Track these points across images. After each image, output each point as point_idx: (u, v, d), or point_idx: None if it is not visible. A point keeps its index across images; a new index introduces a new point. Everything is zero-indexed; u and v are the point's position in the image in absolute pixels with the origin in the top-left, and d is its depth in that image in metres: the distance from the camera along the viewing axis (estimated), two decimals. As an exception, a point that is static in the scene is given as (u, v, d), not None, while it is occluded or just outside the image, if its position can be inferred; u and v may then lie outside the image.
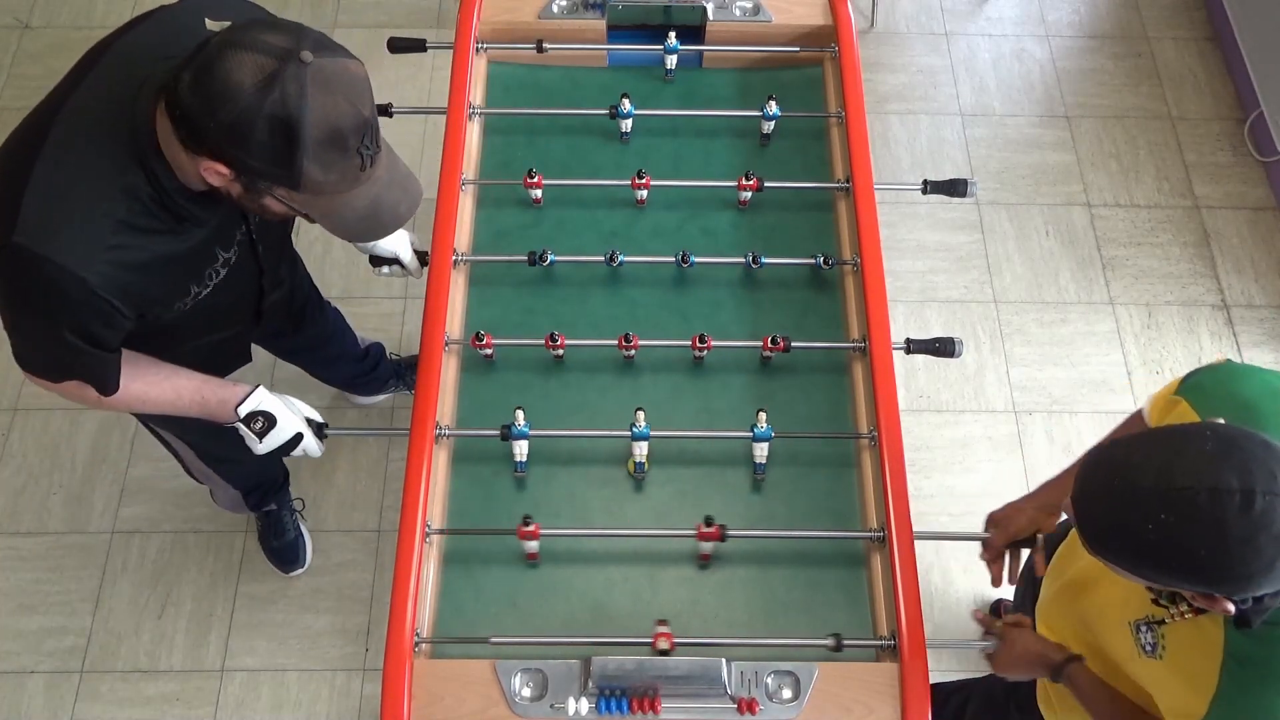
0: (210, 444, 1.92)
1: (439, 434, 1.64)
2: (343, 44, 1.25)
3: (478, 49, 2.01)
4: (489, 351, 1.74)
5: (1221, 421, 1.06)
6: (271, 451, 1.60)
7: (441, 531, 1.60)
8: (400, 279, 1.97)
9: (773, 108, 1.93)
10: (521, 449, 1.64)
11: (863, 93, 1.95)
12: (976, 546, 1.67)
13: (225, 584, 2.42)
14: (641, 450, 1.64)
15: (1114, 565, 1.08)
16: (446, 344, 1.71)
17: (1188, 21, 3.35)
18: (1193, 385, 1.27)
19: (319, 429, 1.65)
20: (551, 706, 1.44)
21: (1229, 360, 1.30)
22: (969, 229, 2.95)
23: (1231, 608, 1.05)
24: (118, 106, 1.28)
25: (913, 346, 1.75)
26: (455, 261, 1.79)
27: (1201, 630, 1.17)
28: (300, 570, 2.44)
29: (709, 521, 1.53)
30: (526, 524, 1.53)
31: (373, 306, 2.76)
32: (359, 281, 2.78)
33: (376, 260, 1.88)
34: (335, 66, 1.19)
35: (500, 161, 1.96)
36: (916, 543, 1.56)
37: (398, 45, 2.02)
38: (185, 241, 1.38)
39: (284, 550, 2.42)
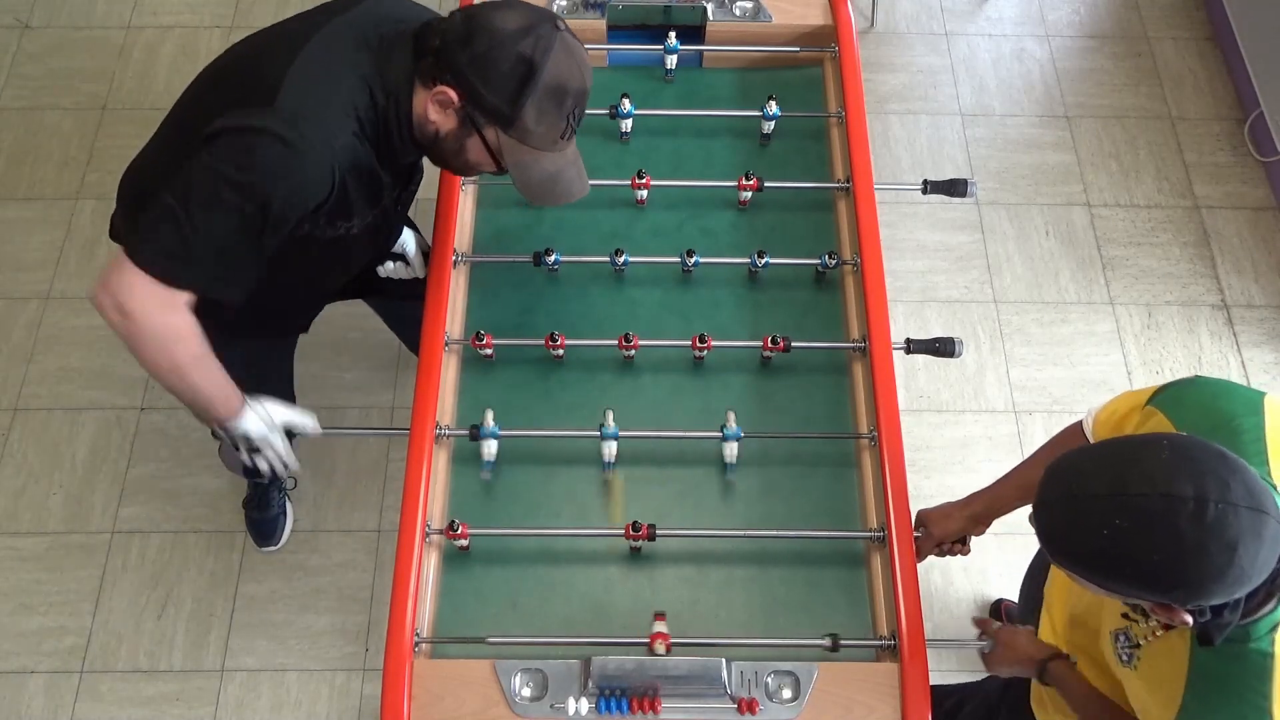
0: (259, 357, 1.89)
1: (439, 434, 1.64)
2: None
3: (478, 49, 2.01)
4: (489, 351, 1.74)
5: (1178, 433, 1.07)
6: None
7: (440, 531, 1.60)
8: (403, 277, 1.97)
9: (773, 108, 1.93)
10: (490, 449, 1.65)
11: (863, 93, 1.95)
12: (977, 547, 1.68)
13: (225, 584, 2.42)
14: (610, 450, 1.65)
15: (1074, 575, 1.09)
16: (446, 344, 1.71)
17: (1188, 21, 3.35)
18: (1170, 398, 1.26)
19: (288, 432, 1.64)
20: (551, 706, 1.44)
21: (1199, 376, 1.31)
22: (969, 229, 2.95)
23: (1189, 619, 1.06)
24: (383, 34, 1.45)
25: (913, 346, 1.75)
26: (455, 261, 1.79)
27: (1171, 646, 1.18)
28: (273, 548, 2.44)
29: (636, 526, 1.56)
30: (454, 528, 1.55)
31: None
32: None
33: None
34: (578, 41, 1.45)
35: (500, 161, 1.96)
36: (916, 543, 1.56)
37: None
38: (384, 172, 1.51)
39: (263, 524, 2.43)
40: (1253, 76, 3.07)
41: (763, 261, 1.78)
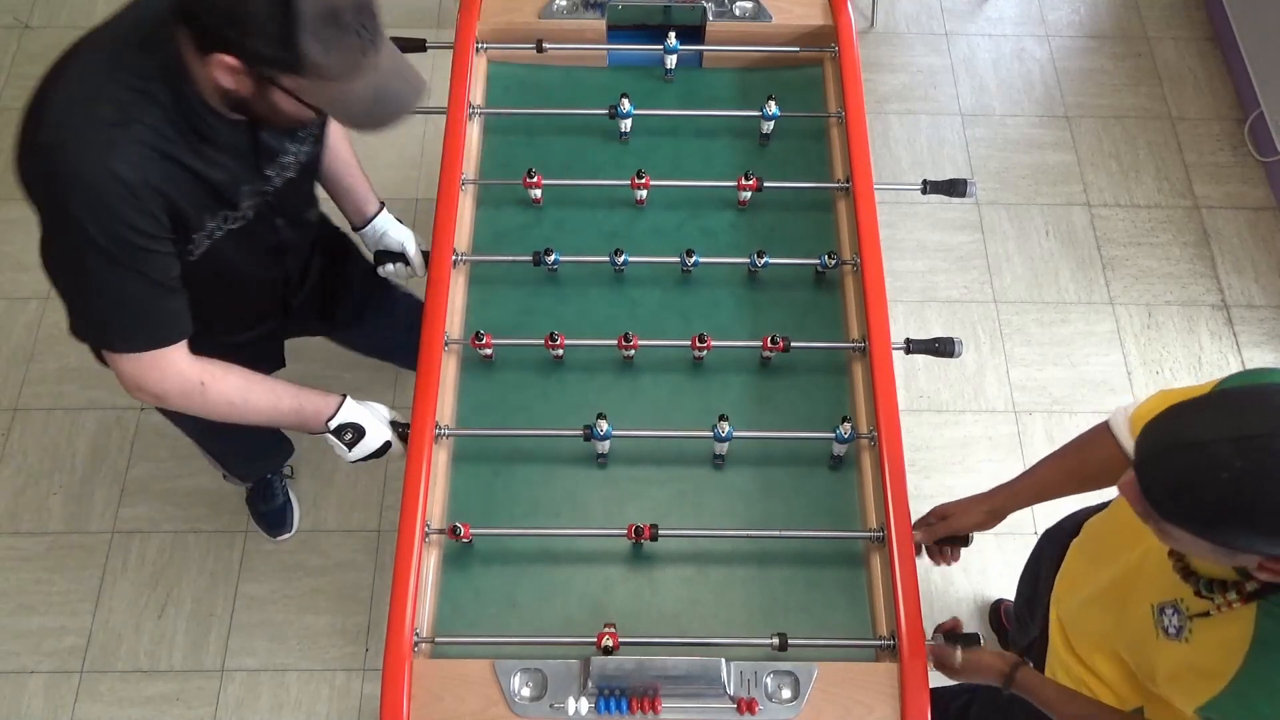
0: (211, 427, 1.90)
1: (439, 434, 1.64)
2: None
3: (478, 49, 2.01)
4: (489, 351, 1.74)
5: None
6: (361, 460, 1.64)
7: (441, 531, 1.60)
8: (404, 279, 1.98)
9: (772, 108, 1.93)
10: (603, 448, 1.66)
11: (863, 93, 1.95)
12: (977, 547, 1.68)
13: (225, 584, 2.42)
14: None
15: (1184, 529, 1.05)
16: (446, 344, 1.71)
17: (1188, 21, 3.35)
18: (1236, 379, 1.25)
19: (402, 432, 1.66)
20: (551, 706, 1.44)
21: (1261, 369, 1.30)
22: (969, 229, 2.95)
23: None
24: (141, 29, 1.33)
25: (913, 346, 1.75)
26: (455, 261, 1.79)
27: (1236, 616, 1.16)
28: (287, 535, 2.46)
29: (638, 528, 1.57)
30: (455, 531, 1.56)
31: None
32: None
33: (381, 258, 1.89)
34: None
35: (500, 161, 1.96)
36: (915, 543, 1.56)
37: (398, 45, 2.02)
38: (208, 166, 1.39)
39: (271, 515, 2.45)
40: (1253, 76, 3.07)
41: (762, 261, 1.78)
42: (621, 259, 1.79)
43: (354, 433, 1.61)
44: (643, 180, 1.85)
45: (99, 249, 1.31)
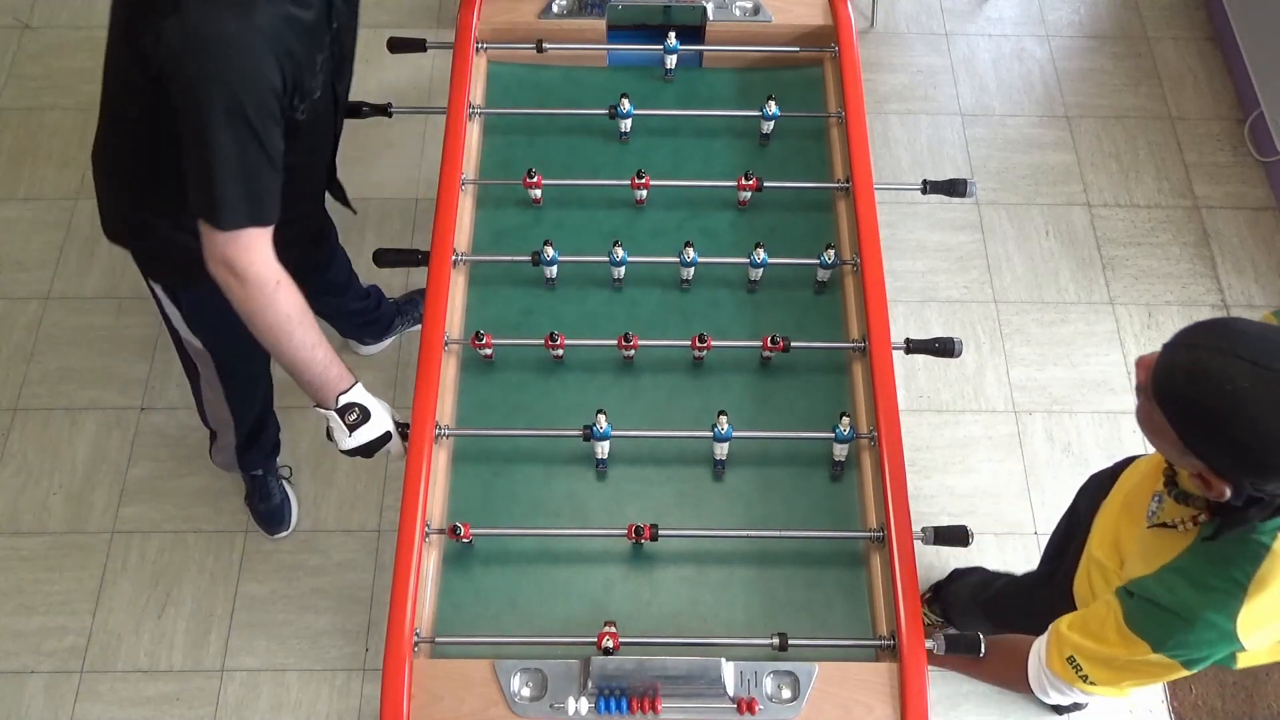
0: (236, 358, 1.96)
1: (439, 434, 1.64)
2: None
3: (478, 49, 2.01)
4: (488, 351, 1.74)
5: None
6: (355, 450, 1.63)
7: (441, 531, 1.60)
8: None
9: (772, 108, 1.93)
10: (603, 449, 1.66)
11: (863, 93, 1.95)
12: (977, 546, 1.68)
13: (225, 584, 2.42)
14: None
15: (1165, 413, 1.14)
16: (446, 344, 1.71)
17: (1188, 21, 3.35)
18: None
19: (402, 432, 1.66)
20: (551, 706, 1.44)
21: None
22: (969, 229, 2.95)
23: (1227, 493, 1.14)
24: None
25: (913, 346, 1.75)
26: (455, 261, 1.79)
27: (1178, 535, 1.30)
28: (285, 533, 2.47)
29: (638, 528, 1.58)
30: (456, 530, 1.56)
31: (373, 306, 2.75)
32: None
33: (382, 257, 1.89)
34: None
35: (500, 161, 1.96)
36: (916, 543, 1.56)
37: (398, 45, 2.02)
38: (310, 11, 1.45)
39: (270, 513, 2.45)
40: (1253, 76, 3.07)
41: (761, 258, 1.78)
42: (620, 271, 1.79)
43: (360, 413, 1.61)
44: (643, 180, 1.86)
45: (238, 110, 1.35)
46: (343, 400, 1.59)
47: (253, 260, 1.45)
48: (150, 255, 1.75)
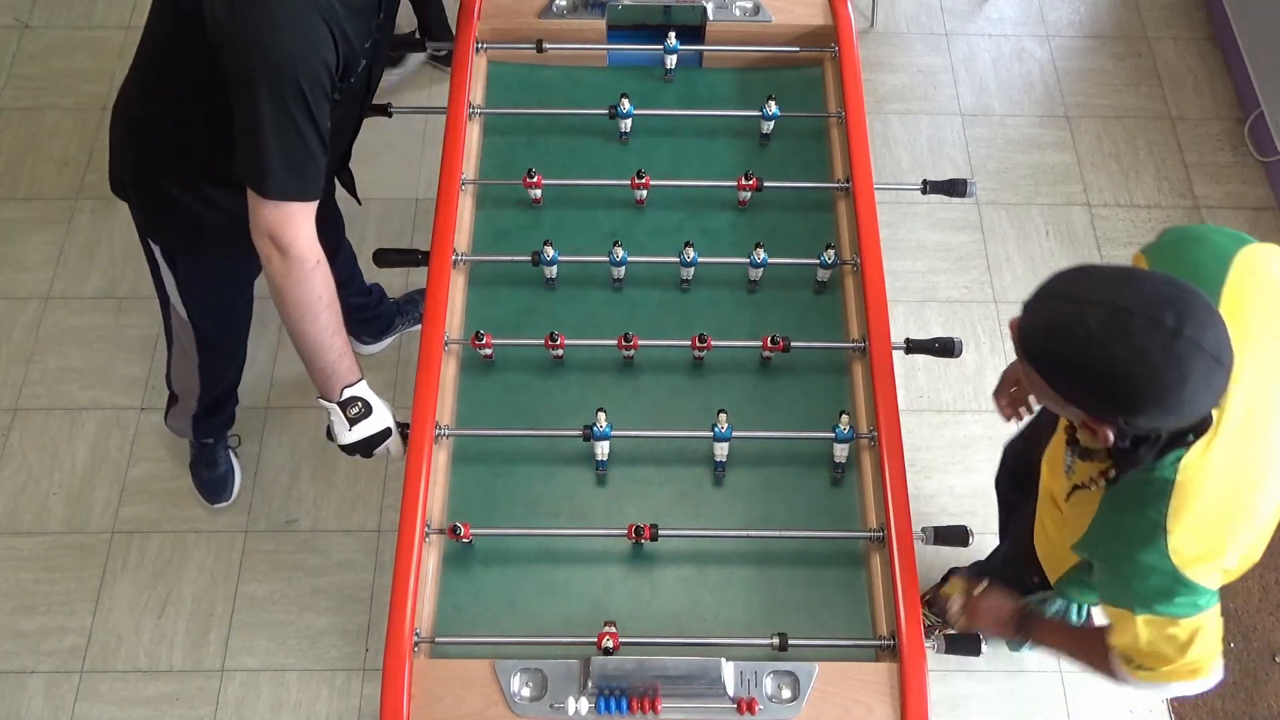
0: (219, 334, 1.98)
1: (439, 434, 1.64)
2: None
3: (478, 49, 2.01)
4: (488, 351, 1.74)
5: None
6: (354, 445, 1.64)
7: (441, 531, 1.60)
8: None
9: (772, 108, 1.93)
10: (603, 449, 1.66)
11: (863, 93, 1.95)
12: (977, 547, 1.68)
13: (225, 584, 2.42)
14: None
15: (1036, 370, 1.18)
16: (446, 344, 1.71)
17: (1188, 21, 3.35)
18: (1152, 245, 1.40)
19: (402, 432, 1.67)
20: (551, 706, 1.44)
21: (1194, 225, 1.45)
22: (969, 229, 2.95)
23: (1111, 436, 1.17)
24: None
25: (913, 346, 1.75)
26: (455, 261, 1.79)
27: (1090, 494, 1.35)
28: (225, 504, 2.47)
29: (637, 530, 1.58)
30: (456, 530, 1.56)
31: (373, 306, 2.75)
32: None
33: (382, 257, 1.89)
34: None
35: (500, 161, 1.96)
36: (916, 543, 1.56)
37: (398, 45, 2.03)
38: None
39: (214, 482, 2.47)
40: (1253, 76, 3.07)
41: (761, 258, 1.78)
42: (620, 271, 1.79)
43: (361, 408, 1.62)
44: (643, 180, 1.86)
45: (293, 84, 1.35)
46: (347, 394, 1.60)
47: (297, 235, 1.46)
48: (155, 215, 1.75)
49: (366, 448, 1.65)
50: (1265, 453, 1.25)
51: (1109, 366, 1.10)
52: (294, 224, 1.46)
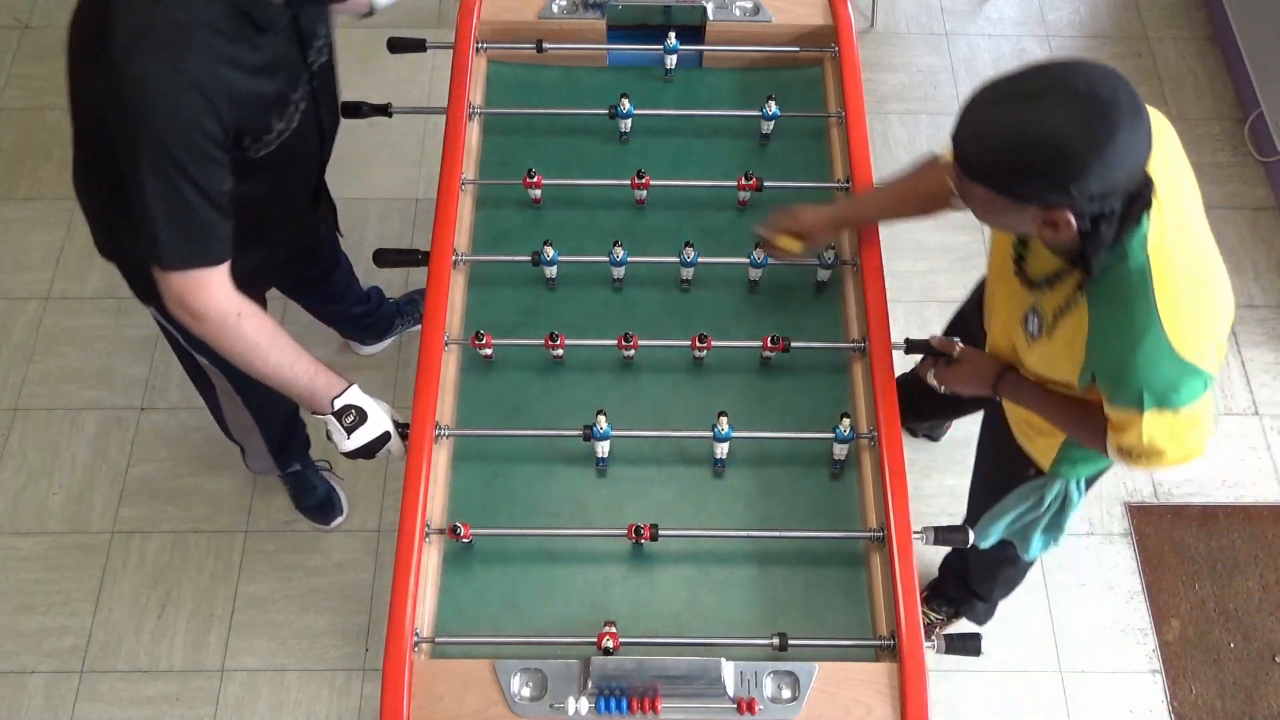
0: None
1: (439, 434, 1.64)
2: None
3: (478, 49, 2.01)
4: (488, 351, 1.74)
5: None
6: (355, 451, 1.63)
7: (441, 531, 1.60)
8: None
9: (772, 108, 1.93)
10: (603, 448, 1.66)
11: (863, 93, 1.95)
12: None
13: (225, 584, 2.42)
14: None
15: (981, 184, 1.27)
16: (446, 344, 1.71)
17: (1188, 21, 3.35)
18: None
19: (402, 432, 1.66)
20: (551, 706, 1.44)
21: None
22: (969, 229, 2.95)
23: (1074, 223, 1.23)
24: None
25: (912, 346, 1.75)
26: (455, 261, 1.79)
27: (1076, 313, 1.38)
28: (341, 519, 2.48)
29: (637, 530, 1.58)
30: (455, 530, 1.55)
31: (373, 306, 2.75)
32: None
33: (382, 257, 1.89)
34: None
35: (500, 161, 1.96)
36: (916, 543, 1.56)
37: (397, 45, 2.02)
38: (263, 53, 1.43)
39: (318, 508, 2.46)
40: (1253, 76, 3.07)
41: (761, 259, 1.78)
42: (620, 271, 1.79)
43: (356, 415, 1.61)
44: (643, 180, 1.86)
45: (166, 154, 1.34)
46: (338, 404, 1.59)
47: (207, 297, 1.45)
48: (136, 281, 1.75)
49: (369, 451, 1.65)
50: (1196, 226, 1.39)
51: (1044, 139, 1.18)
52: (203, 289, 1.43)
